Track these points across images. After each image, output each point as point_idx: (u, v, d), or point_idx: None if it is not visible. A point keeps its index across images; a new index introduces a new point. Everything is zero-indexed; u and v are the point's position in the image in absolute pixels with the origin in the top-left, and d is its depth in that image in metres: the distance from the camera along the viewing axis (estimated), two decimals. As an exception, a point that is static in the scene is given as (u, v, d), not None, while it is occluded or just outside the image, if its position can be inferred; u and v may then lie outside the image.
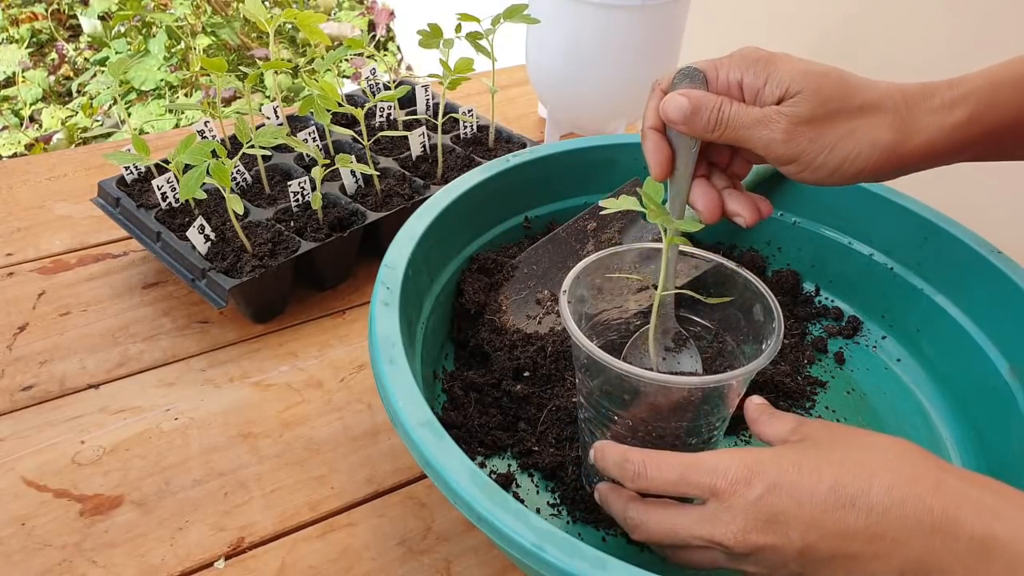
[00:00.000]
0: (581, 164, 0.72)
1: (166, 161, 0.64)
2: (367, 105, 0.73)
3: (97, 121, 2.16)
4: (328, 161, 0.66)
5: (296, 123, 0.83)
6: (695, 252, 0.51)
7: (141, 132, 1.98)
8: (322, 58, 0.72)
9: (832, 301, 0.72)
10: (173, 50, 2.39)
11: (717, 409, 0.46)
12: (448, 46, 0.75)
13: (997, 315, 0.60)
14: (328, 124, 0.67)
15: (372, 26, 2.65)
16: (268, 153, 0.73)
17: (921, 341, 0.66)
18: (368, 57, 2.33)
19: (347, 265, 0.71)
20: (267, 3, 2.62)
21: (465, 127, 0.83)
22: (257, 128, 0.62)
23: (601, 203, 0.46)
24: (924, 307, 0.66)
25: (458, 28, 0.76)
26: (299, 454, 0.57)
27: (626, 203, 0.45)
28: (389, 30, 2.67)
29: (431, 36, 0.75)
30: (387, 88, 0.87)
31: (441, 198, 0.62)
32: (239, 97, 2.18)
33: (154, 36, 2.36)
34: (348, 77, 2.45)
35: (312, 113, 0.67)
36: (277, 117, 0.80)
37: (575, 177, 0.72)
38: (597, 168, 0.72)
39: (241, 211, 0.58)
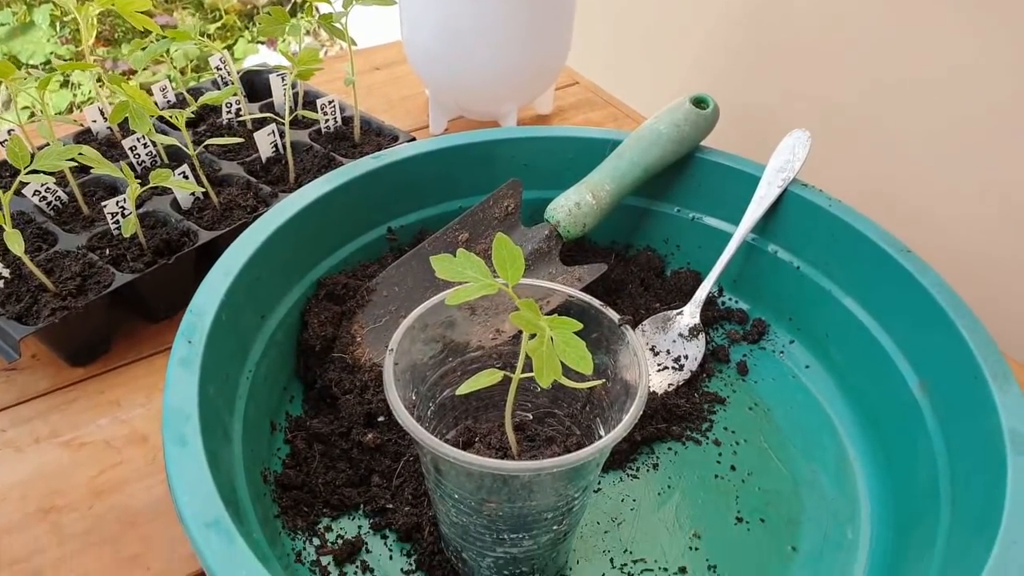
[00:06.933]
0: (452, 164, 0.63)
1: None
2: (190, 107, 0.63)
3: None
4: (139, 182, 0.55)
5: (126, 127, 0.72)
6: (544, 285, 0.44)
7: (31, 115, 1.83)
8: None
9: (736, 302, 0.66)
10: (66, 18, 2.21)
11: (574, 482, 0.39)
12: (294, 32, 0.65)
13: (905, 323, 0.54)
14: (149, 133, 0.57)
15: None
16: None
17: (830, 347, 0.60)
18: (227, 48, 2.18)
19: (182, 291, 0.61)
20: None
21: (327, 120, 0.73)
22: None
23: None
24: (832, 310, 0.59)
25: (308, 10, 0.66)
26: (111, 529, 0.49)
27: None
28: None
29: (275, 21, 0.65)
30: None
31: (272, 218, 0.53)
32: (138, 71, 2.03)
33: (38, 6, 2.18)
34: (263, 43, 2.30)
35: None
36: (104, 119, 0.69)
37: (446, 179, 0.64)
38: (471, 168, 0.64)
39: (22, 251, 0.48)
